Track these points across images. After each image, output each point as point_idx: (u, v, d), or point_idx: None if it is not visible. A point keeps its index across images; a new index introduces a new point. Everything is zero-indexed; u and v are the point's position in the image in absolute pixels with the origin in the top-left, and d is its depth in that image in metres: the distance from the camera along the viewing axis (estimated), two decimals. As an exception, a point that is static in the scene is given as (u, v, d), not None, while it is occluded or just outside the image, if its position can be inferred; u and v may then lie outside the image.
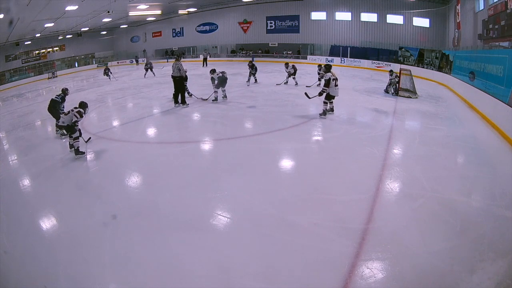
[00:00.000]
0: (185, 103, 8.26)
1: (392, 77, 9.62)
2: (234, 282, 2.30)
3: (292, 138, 5.47)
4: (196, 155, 5.06)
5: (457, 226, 2.83)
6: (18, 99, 14.21)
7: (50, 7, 15.34)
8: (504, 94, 6.73)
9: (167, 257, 2.56)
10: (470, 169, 4.19)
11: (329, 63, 6.84)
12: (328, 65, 6.69)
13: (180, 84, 8.14)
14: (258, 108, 7.88)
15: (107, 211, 3.29)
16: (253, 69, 11.89)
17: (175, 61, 8.14)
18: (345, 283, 2.20)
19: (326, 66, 6.62)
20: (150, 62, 17.68)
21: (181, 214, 3.20)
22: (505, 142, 5.16)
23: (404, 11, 17.96)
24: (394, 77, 9.57)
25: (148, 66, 16.90)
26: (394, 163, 4.33)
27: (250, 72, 11.91)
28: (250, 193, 3.58)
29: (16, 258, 2.68)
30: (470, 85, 8.81)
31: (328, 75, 6.28)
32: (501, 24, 8.16)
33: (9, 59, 24.59)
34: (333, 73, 6.33)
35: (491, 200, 3.34)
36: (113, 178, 4.22)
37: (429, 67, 14.77)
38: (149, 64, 17.07)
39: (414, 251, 2.51)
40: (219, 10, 25.47)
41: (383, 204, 3.24)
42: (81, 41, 27.50)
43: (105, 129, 6.72)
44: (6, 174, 4.69)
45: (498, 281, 2.19)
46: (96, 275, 2.42)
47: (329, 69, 6.40)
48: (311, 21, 22.15)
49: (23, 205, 3.58)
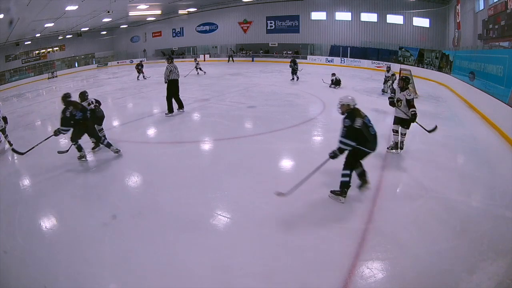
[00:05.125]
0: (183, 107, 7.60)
1: (389, 74, 9.48)
2: (234, 282, 2.30)
3: (292, 138, 5.46)
4: (196, 155, 5.06)
5: (457, 226, 2.83)
6: (18, 99, 14.20)
7: (50, 7, 15.33)
8: (504, 94, 6.74)
9: (167, 257, 2.56)
10: (470, 169, 4.19)
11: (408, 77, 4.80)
12: (408, 78, 4.80)
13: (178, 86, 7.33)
14: (258, 108, 7.88)
15: (107, 211, 3.29)
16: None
17: (170, 62, 7.18)
18: (345, 283, 2.20)
19: (405, 81, 4.57)
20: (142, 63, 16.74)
21: (181, 214, 3.20)
22: (505, 142, 5.16)
23: (404, 11, 17.95)
24: (390, 75, 9.44)
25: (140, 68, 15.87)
26: (394, 163, 4.33)
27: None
28: (250, 193, 3.58)
29: (16, 258, 2.68)
30: (470, 85, 8.81)
31: (411, 94, 4.47)
32: (501, 24, 8.17)
33: (9, 59, 24.58)
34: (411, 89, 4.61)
35: (491, 200, 3.34)
36: (113, 178, 4.22)
37: (429, 67, 14.77)
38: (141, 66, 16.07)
39: (414, 251, 2.51)
40: (219, 10, 25.46)
41: (383, 204, 3.24)
42: (81, 41, 27.48)
43: (105, 129, 6.71)
44: (6, 174, 4.68)
45: (498, 281, 2.19)
46: (96, 275, 2.42)
47: (408, 83, 4.66)
48: (311, 21, 22.14)
49: (23, 205, 3.58)
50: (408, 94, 4.44)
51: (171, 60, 7.27)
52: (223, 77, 14.76)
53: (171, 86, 7.16)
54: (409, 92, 4.47)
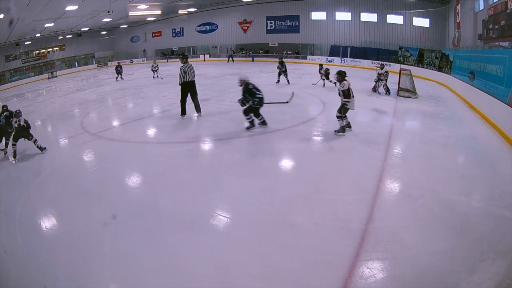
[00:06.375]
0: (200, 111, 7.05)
1: (382, 71, 9.39)
2: (234, 282, 2.30)
3: (292, 138, 5.46)
4: (196, 155, 5.07)
5: (457, 226, 2.83)
6: (18, 99, 14.21)
7: (50, 7, 15.34)
8: (504, 94, 6.74)
9: (167, 257, 2.56)
10: (470, 169, 4.19)
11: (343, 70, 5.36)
12: (343, 72, 5.33)
13: (195, 87, 6.88)
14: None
15: (107, 211, 3.29)
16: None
17: (184, 62, 6.65)
18: (345, 283, 2.20)
19: (340, 74, 5.24)
20: (121, 65, 16.93)
21: (181, 214, 3.20)
22: (505, 142, 5.15)
23: (404, 11, 17.95)
24: (384, 72, 9.36)
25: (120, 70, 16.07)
26: (394, 163, 4.33)
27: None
28: (250, 193, 3.58)
29: (16, 258, 2.68)
30: (470, 85, 8.80)
31: (346, 84, 5.15)
32: (501, 24, 8.16)
33: (9, 59, 24.61)
34: (349, 81, 5.30)
35: (491, 200, 3.34)
36: (113, 178, 4.22)
37: (429, 67, 14.76)
38: (120, 68, 16.21)
39: (414, 251, 2.51)
40: (219, 10, 25.46)
41: (383, 204, 3.24)
42: (81, 41, 27.49)
43: (105, 129, 6.72)
44: (6, 174, 4.69)
45: (498, 281, 2.19)
46: (96, 275, 2.42)
47: (344, 77, 5.22)
48: (311, 21, 22.14)
49: (23, 205, 3.58)
50: (342, 86, 5.20)
51: (186, 60, 6.69)
52: (223, 77, 14.77)
53: (185, 88, 6.71)
54: (343, 84, 5.19)
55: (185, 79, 6.61)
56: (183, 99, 6.83)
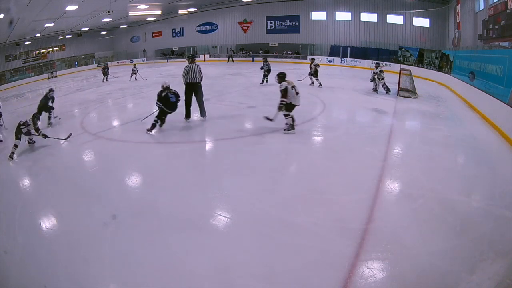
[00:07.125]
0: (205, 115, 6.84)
1: (377, 71, 9.37)
2: (234, 282, 2.30)
3: (292, 138, 5.46)
4: (196, 155, 5.06)
5: (457, 226, 2.83)
6: (18, 99, 14.21)
7: (50, 7, 15.34)
8: (504, 94, 6.73)
9: (167, 257, 2.56)
10: (470, 169, 4.19)
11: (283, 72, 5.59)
12: (282, 73, 5.54)
13: (200, 89, 6.67)
14: (258, 108, 7.87)
15: (107, 211, 3.29)
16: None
17: (190, 62, 6.40)
18: (345, 283, 2.20)
19: (279, 76, 5.49)
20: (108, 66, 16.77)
21: (181, 214, 3.20)
22: (505, 142, 5.16)
23: (404, 11, 17.95)
24: (379, 71, 9.34)
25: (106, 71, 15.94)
26: (394, 163, 4.33)
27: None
28: (250, 193, 3.58)
29: (16, 258, 2.68)
30: (470, 85, 8.80)
31: (284, 85, 5.39)
32: (501, 24, 8.16)
33: (9, 59, 24.61)
34: (288, 81, 5.47)
35: (491, 200, 3.34)
36: (113, 178, 4.22)
37: (429, 67, 14.77)
38: (106, 69, 16.07)
39: (414, 251, 2.51)
40: (219, 10, 25.46)
41: (383, 204, 3.24)
42: (81, 41, 27.50)
43: (105, 129, 6.72)
44: (6, 174, 4.69)
45: (498, 281, 2.19)
46: (96, 275, 2.42)
47: (284, 78, 5.47)
48: (311, 21, 22.14)
49: (23, 205, 3.58)
50: (280, 86, 5.44)
51: (191, 60, 6.41)
52: (223, 77, 14.76)
53: (188, 90, 6.48)
54: (281, 85, 5.42)
55: (188, 80, 6.41)
56: (187, 101, 6.56)
